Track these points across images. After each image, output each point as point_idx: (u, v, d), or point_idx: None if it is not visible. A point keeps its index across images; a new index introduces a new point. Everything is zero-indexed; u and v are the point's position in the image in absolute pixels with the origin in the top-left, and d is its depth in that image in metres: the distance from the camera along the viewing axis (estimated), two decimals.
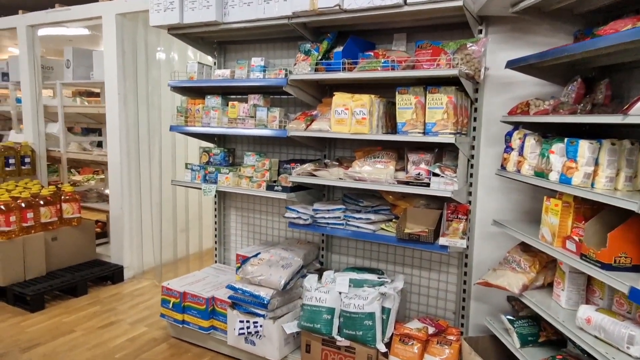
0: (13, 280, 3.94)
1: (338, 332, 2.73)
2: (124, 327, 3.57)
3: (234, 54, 3.57)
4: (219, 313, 3.12)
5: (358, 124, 2.57)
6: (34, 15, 4.82)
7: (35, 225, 4.12)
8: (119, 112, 4.33)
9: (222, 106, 3.13)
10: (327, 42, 2.80)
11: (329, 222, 2.78)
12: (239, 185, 3.12)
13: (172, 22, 3.05)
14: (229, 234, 3.82)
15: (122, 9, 4.21)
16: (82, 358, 3.09)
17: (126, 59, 4.34)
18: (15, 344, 3.25)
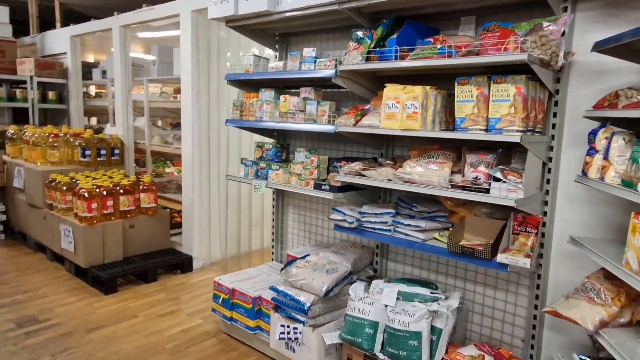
0: (93, 263, 4.23)
1: (381, 349, 2.47)
2: (182, 317, 3.64)
3: (294, 46, 3.44)
4: (265, 314, 3.02)
5: (409, 118, 2.28)
6: (126, 16, 5.15)
7: (114, 212, 4.39)
8: (192, 106, 4.45)
9: (275, 100, 3.01)
10: (382, 28, 2.53)
11: (375, 226, 2.52)
12: (289, 182, 2.98)
13: (228, 13, 3.00)
14: (286, 232, 3.72)
15: (197, 6, 4.30)
16: (136, 344, 3.19)
17: (200, 55, 4.44)
18: (83, 324, 3.46)
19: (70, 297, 3.95)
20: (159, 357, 3.04)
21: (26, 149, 5.27)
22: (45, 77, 6.10)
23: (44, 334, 3.29)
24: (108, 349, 3.12)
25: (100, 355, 3.03)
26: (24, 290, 4.05)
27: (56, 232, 4.51)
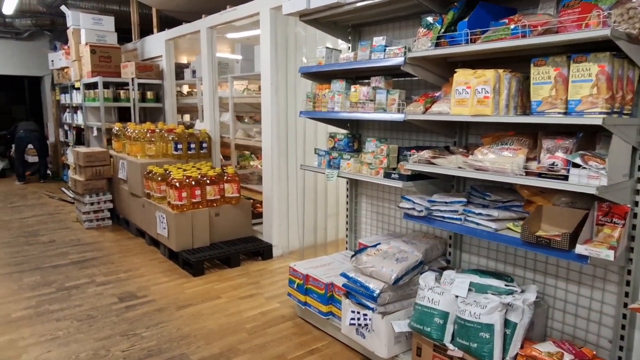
0: (183, 247, 4.61)
1: (452, 339, 2.43)
2: (261, 300, 3.85)
3: (366, 37, 3.45)
4: (337, 300, 3.10)
5: (479, 104, 2.21)
6: (212, 18, 5.49)
7: (202, 201, 4.73)
8: (271, 101, 4.64)
9: (346, 90, 3.06)
10: (453, 12, 2.47)
11: (444, 215, 2.48)
12: (360, 171, 3.02)
13: (301, 8, 3.09)
14: (359, 221, 3.76)
15: (276, 3, 4.46)
16: (219, 322, 3.44)
17: (278, 51, 4.61)
18: (174, 301, 3.80)
19: (163, 277, 4.34)
20: (239, 336, 3.25)
21: (128, 144, 5.85)
22: (144, 79, 6.72)
23: (140, 308, 3.67)
24: (194, 325, 3.40)
25: (187, 330, 3.31)
26: (125, 269, 4.53)
27: (153, 218, 4.97)
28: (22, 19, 8.81)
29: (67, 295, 3.91)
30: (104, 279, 4.28)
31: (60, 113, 9.15)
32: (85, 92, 7.02)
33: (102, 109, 6.62)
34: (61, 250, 5.13)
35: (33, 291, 3.99)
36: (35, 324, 3.40)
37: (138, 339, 3.19)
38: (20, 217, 6.58)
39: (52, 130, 10.28)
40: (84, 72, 6.96)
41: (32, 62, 10.00)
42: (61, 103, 8.83)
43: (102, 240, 5.51)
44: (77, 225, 6.18)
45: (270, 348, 3.09)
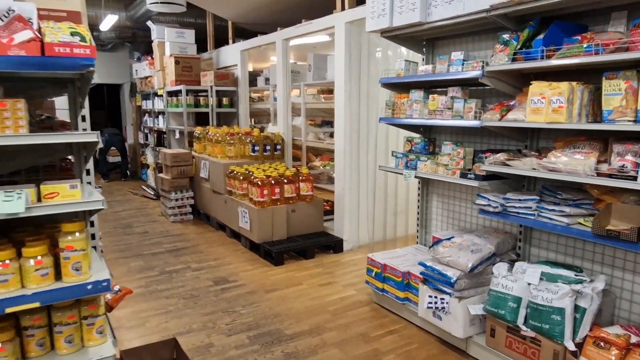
0: (264, 239, 5.11)
1: (524, 322, 2.73)
2: (338, 288, 4.26)
3: (440, 49, 3.78)
4: (413, 287, 3.46)
5: (554, 112, 2.50)
6: (287, 30, 5.99)
7: (280, 198, 5.22)
8: (344, 106, 5.06)
9: (424, 99, 3.41)
10: (528, 30, 2.77)
11: (519, 211, 2.78)
12: (436, 172, 3.36)
13: (383, 26, 3.47)
14: (430, 218, 4.09)
15: (350, 18, 4.88)
16: (304, 305, 3.88)
17: (352, 60, 5.02)
18: (261, 286, 4.29)
19: (248, 265, 4.86)
20: (323, 316, 3.67)
21: (209, 146, 6.46)
22: (221, 86, 7.34)
23: (234, 290, 4.18)
24: (282, 306, 3.86)
25: (278, 310, 3.78)
26: (214, 258, 5.09)
27: (234, 213, 5.52)
28: (108, 32, 9.74)
29: (169, 277, 4.50)
30: (197, 265, 4.85)
31: (141, 117, 10.03)
32: (168, 99, 7.74)
33: (185, 114, 7.29)
34: (155, 240, 5.79)
35: (140, 274, 4.61)
36: (149, 300, 3.98)
37: (237, 315, 3.69)
38: (112, 211, 7.38)
39: (130, 133, 11.25)
40: (167, 80, 7.68)
41: (114, 71, 11.01)
42: (142, 109, 9.68)
43: (188, 232, 6.14)
44: (163, 219, 6.87)
45: (353, 327, 3.50)
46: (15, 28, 1.39)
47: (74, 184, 1.54)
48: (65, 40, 1.45)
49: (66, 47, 1.44)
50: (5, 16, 1.39)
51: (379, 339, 3.34)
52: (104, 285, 1.59)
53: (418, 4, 3.19)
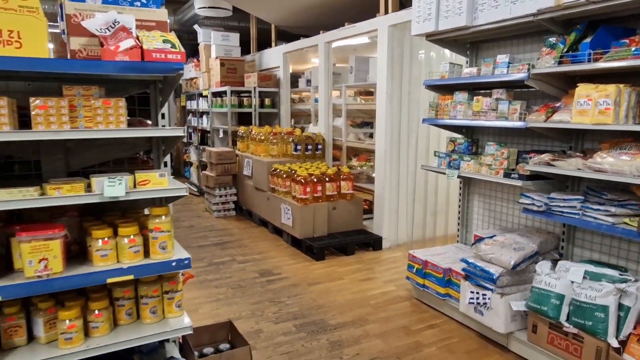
0: (306, 235, 5.30)
1: (567, 319, 2.79)
2: (378, 283, 4.40)
3: (484, 52, 3.87)
4: (454, 283, 3.56)
5: (601, 114, 2.56)
6: (330, 33, 6.17)
7: (322, 196, 5.39)
8: (385, 108, 5.19)
9: (468, 101, 3.51)
10: (575, 33, 2.83)
11: (563, 210, 2.84)
12: (479, 172, 3.45)
13: (429, 30, 3.59)
14: (471, 217, 4.17)
15: (393, 21, 5.01)
16: (346, 298, 4.04)
17: (394, 63, 5.14)
18: (304, 279, 4.47)
19: (290, 260, 5.06)
20: (366, 309, 3.82)
21: (252, 145, 6.71)
22: (263, 88, 7.60)
23: (279, 282, 4.38)
24: (325, 298, 4.03)
25: (322, 302, 3.95)
26: (258, 252, 5.32)
27: (277, 210, 5.73)
28: None
29: (217, 269, 4.75)
30: (242, 258, 5.09)
31: (185, 117, 10.45)
32: (213, 99, 8.07)
33: (229, 114, 7.59)
34: (201, 233, 6.08)
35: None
36: (200, 289, 4.23)
37: (283, 305, 3.88)
38: None
39: None
40: (212, 82, 8.00)
41: None
42: (187, 109, 10.09)
43: (231, 227, 6.41)
44: (207, 215, 7.17)
45: (395, 320, 3.63)
46: (120, 37, 1.61)
47: (162, 172, 1.76)
48: (159, 47, 1.66)
49: (161, 53, 1.66)
50: (112, 27, 1.61)
51: (420, 332, 3.46)
52: (186, 262, 1.80)
53: (464, 9, 3.29)
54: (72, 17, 1.70)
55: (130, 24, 1.66)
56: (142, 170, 1.76)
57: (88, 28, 1.62)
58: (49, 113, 1.55)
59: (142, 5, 1.84)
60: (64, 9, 1.72)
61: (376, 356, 3.12)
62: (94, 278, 1.67)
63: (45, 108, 1.55)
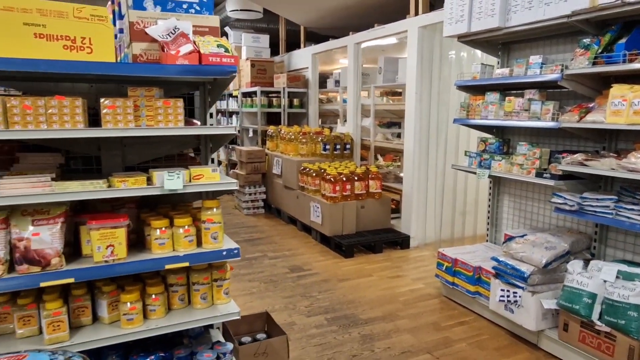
0: (334, 233, 5.41)
1: (599, 317, 2.81)
2: (407, 281, 4.47)
3: (516, 53, 3.90)
4: (484, 281, 3.60)
5: (635, 114, 2.59)
6: (360, 35, 6.26)
7: (350, 195, 5.49)
8: (414, 108, 5.25)
9: (500, 101, 3.55)
10: (610, 34, 2.85)
11: (596, 210, 2.87)
12: (510, 171, 3.49)
13: (461, 31, 3.65)
14: (500, 217, 4.20)
15: (423, 22, 5.07)
16: (376, 294, 4.13)
17: (423, 64, 5.20)
18: (334, 275, 4.58)
19: (320, 256, 5.17)
20: (395, 305, 3.90)
21: (282, 144, 6.86)
22: (292, 88, 7.74)
23: (309, 278, 4.50)
24: (355, 294, 4.12)
25: (351, 297, 4.05)
26: (287, 248, 5.45)
27: (306, 208, 5.86)
28: None
29: (249, 264, 4.90)
30: (273, 254, 5.23)
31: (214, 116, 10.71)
32: (243, 99, 8.26)
33: (259, 114, 7.77)
34: (233, 230, 6.25)
35: None
36: (234, 282, 4.38)
37: (314, 300, 4.00)
38: None
39: None
40: (242, 82, 8.19)
41: None
42: (217, 108, 10.33)
43: (261, 225, 6.57)
44: (237, 212, 7.36)
45: (424, 317, 3.70)
46: (180, 42, 1.74)
47: (215, 168, 1.89)
48: (214, 51, 1.79)
49: (217, 57, 1.79)
50: (172, 33, 1.75)
51: (449, 328, 3.52)
52: (235, 252, 1.93)
53: (497, 10, 3.34)
54: (134, 24, 1.85)
55: (188, 30, 1.79)
56: (196, 166, 1.89)
57: (151, 34, 1.76)
58: (116, 112, 1.71)
59: (196, 12, 1.98)
60: (126, 17, 1.87)
61: (407, 350, 3.20)
62: (154, 264, 1.81)
63: (114, 108, 1.70)
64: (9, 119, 1.57)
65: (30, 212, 1.65)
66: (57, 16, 1.66)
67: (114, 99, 1.72)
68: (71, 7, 1.69)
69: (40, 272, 1.64)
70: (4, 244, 1.61)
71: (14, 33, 1.60)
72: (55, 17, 1.66)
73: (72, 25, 1.69)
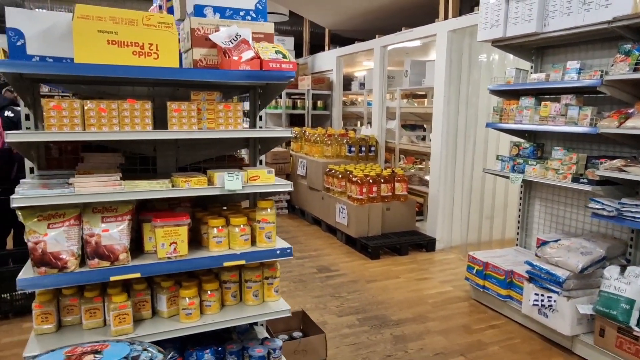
0: (360, 234, 5.45)
1: (637, 323, 2.81)
2: (434, 283, 4.50)
3: (550, 57, 3.90)
4: (516, 285, 3.62)
5: None
6: (387, 38, 6.30)
7: (376, 197, 5.53)
8: (442, 111, 5.27)
9: (535, 106, 3.56)
10: None
11: (635, 216, 2.87)
12: (545, 176, 3.50)
13: (496, 36, 3.67)
14: (531, 221, 4.20)
15: (453, 26, 5.09)
16: (405, 296, 4.16)
17: (452, 67, 5.22)
18: (362, 276, 4.63)
19: (345, 257, 5.22)
20: (424, 307, 3.93)
21: (307, 145, 6.92)
22: (317, 90, 7.81)
23: (337, 278, 4.55)
24: (384, 295, 4.16)
25: (381, 298, 4.09)
26: (313, 249, 5.51)
27: (331, 209, 5.91)
28: None
29: None
30: (300, 254, 5.29)
31: None
32: None
33: (283, 115, 7.85)
34: None
35: None
36: None
37: (344, 300, 4.05)
38: None
39: None
40: None
41: None
42: None
43: (286, 225, 6.64)
44: None
45: (455, 319, 3.72)
46: (242, 49, 1.81)
47: (270, 170, 1.95)
48: (273, 57, 1.86)
49: (276, 62, 1.85)
50: (234, 39, 1.82)
51: (481, 331, 3.54)
52: (288, 251, 1.99)
53: (535, 15, 3.36)
54: (195, 30, 1.92)
55: (248, 37, 1.86)
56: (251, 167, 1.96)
57: (215, 40, 1.83)
58: (182, 115, 1.78)
59: (252, 19, 2.05)
60: (187, 24, 1.95)
61: (440, 351, 3.23)
62: (213, 261, 1.88)
63: (179, 111, 1.78)
64: (86, 121, 1.65)
65: (100, 209, 1.74)
66: (128, 24, 1.74)
67: (180, 102, 1.80)
68: (141, 15, 1.77)
69: (109, 267, 1.72)
70: (77, 239, 1.69)
71: (90, 40, 1.68)
72: (127, 24, 1.74)
73: (142, 32, 1.77)
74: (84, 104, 1.64)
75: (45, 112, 1.58)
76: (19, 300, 3.57)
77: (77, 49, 1.67)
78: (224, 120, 1.87)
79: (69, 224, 1.67)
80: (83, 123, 1.65)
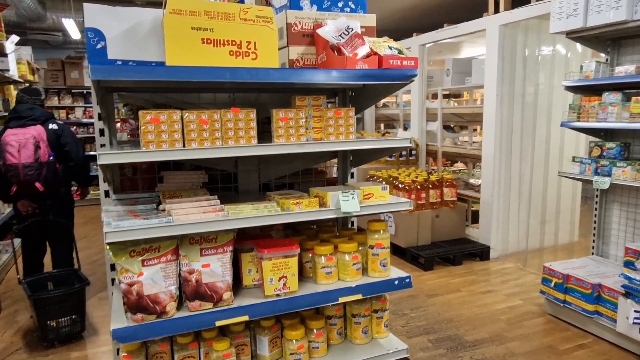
0: (409, 244, 5.13)
1: None
2: (500, 297, 4.16)
3: (628, 49, 3.57)
4: (605, 300, 3.27)
5: None
6: (427, 35, 5.99)
7: (425, 203, 5.21)
8: (495, 111, 4.94)
9: (622, 102, 3.23)
10: None
11: None
12: (637, 179, 3.16)
13: (575, 27, 3.35)
14: (609, 227, 3.86)
15: (505, 20, 4.77)
16: (473, 312, 3.83)
17: (504, 63, 4.90)
18: (420, 290, 4.31)
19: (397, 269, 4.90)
20: (499, 325, 3.60)
21: None
22: None
23: (394, 293, 4.22)
24: (450, 312, 3.84)
25: (448, 316, 3.76)
26: None
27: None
28: None
29: None
30: None
31: None
32: None
33: None
34: None
35: None
36: None
37: (409, 318, 3.73)
38: None
39: None
40: None
41: None
42: None
43: None
44: None
45: (536, 339, 3.39)
46: (355, 44, 1.53)
47: (385, 186, 1.66)
48: (391, 54, 1.57)
49: (396, 59, 1.56)
50: (345, 33, 1.54)
51: (569, 352, 3.21)
52: (407, 281, 1.70)
53: (624, 2, 3.03)
54: (292, 25, 1.64)
55: (359, 30, 1.58)
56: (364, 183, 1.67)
57: (323, 36, 1.54)
58: (289, 125, 1.49)
59: (351, 11, 1.76)
60: (282, 18, 1.66)
61: None
62: (327, 297, 1.59)
63: (286, 120, 1.49)
64: (186, 135, 1.37)
65: (197, 239, 1.45)
66: (224, 19, 1.46)
67: (286, 110, 1.51)
68: (237, 8, 1.48)
69: (212, 310, 1.44)
70: (174, 277, 1.41)
71: (183, 39, 1.40)
72: (222, 19, 1.46)
73: (238, 29, 1.48)
74: (184, 115, 1.36)
75: (143, 127, 1.29)
76: (65, 327, 3.31)
77: (169, 50, 1.39)
78: (335, 130, 1.58)
79: (166, 260, 1.39)
80: (183, 138, 1.37)
